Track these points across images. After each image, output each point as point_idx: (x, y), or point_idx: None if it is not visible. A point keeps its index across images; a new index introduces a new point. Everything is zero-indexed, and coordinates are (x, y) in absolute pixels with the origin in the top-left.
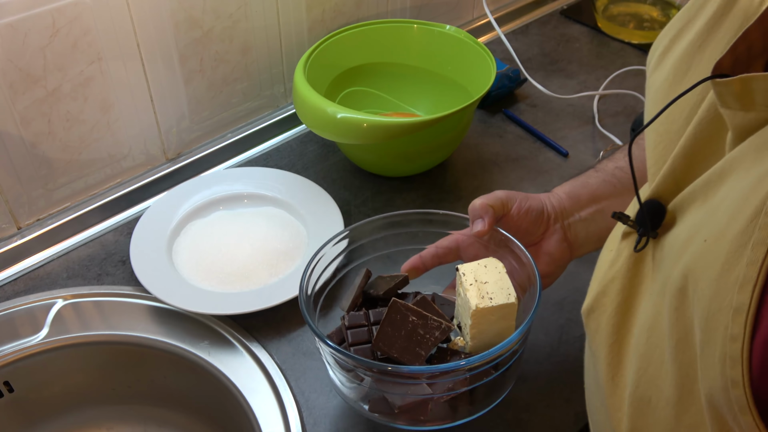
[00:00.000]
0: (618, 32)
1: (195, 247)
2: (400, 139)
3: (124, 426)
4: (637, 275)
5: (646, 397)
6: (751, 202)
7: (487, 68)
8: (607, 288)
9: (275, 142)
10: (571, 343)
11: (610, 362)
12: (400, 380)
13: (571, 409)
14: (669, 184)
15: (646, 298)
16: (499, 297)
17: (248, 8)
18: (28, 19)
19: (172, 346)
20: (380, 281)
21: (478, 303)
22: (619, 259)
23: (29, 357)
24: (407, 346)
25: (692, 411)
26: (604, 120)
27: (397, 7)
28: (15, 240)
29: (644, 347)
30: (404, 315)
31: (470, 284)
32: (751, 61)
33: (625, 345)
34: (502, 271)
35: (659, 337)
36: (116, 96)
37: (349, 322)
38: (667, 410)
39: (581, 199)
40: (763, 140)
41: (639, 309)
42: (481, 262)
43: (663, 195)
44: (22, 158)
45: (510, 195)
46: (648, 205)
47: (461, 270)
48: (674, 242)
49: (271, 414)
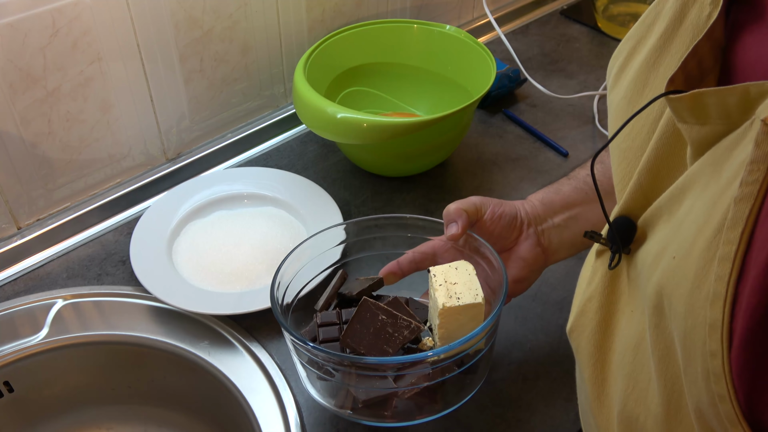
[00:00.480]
0: (618, 32)
1: (195, 247)
2: (400, 139)
3: (124, 426)
4: (613, 292)
5: (634, 415)
6: (713, 218)
7: (487, 68)
8: (585, 307)
9: (275, 142)
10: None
11: (594, 381)
12: (365, 372)
13: (571, 409)
14: (637, 200)
15: (626, 316)
16: (467, 297)
17: (248, 8)
18: (28, 19)
19: (172, 346)
20: (355, 283)
21: (445, 302)
22: (595, 278)
23: (29, 357)
24: (375, 343)
25: (682, 427)
26: (604, 120)
27: (397, 7)
28: (15, 240)
29: (630, 366)
30: (374, 313)
31: (440, 285)
32: (703, 76)
33: (607, 364)
34: (472, 273)
35: (645, 355)
36: (116, 96)
37: (321, 320)
38: (656, 428)
39: (554, 206)
40: (719, 154)
41: (618, 327)
42: (453, 264)
43: (632, 211)
44: (22, 158)
45: (484, 201)
46: (618, 222)
47: (432, 271)
48: (646, 258)
49: (271, 414)
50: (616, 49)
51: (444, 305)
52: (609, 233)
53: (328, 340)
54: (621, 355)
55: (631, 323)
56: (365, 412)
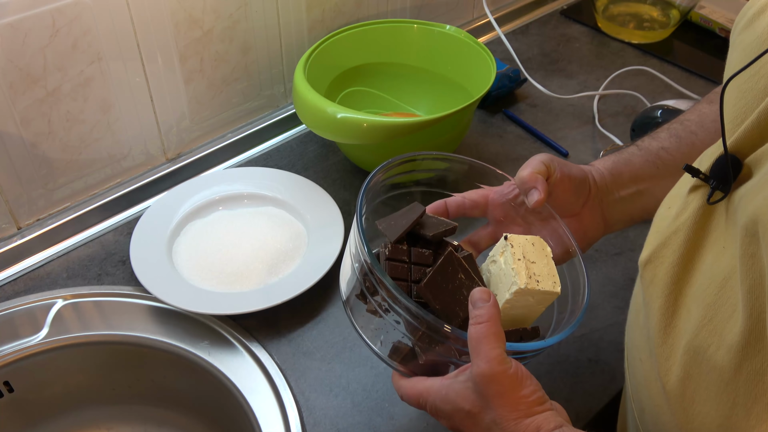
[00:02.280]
0: (618, 32)
1: (195, 247)
2: (400, 139)
3: (124, 426)
4: (704, 227)
5: (705, 345)
6: None
7: (487, 68)
8: (668, 239)
9: (275, 142)
10: (571, 343)
11: (665, 312)
12: (446, 341)
13: (571, 409)
14: (752, 139)
15: (715, 251)
16: (546, 283)
17: (248, 8)
18: (28, 19)
19: (172, 346)
20: (429, 221)
21: (527, 283)
22: (685, 212)
23: (29, 357)
24: (450, 301)
25: (758, 358)
26: (604, 120)
27: (397, 7)
28: (15, 240)
29: (713, 298)
30: (455, 269)
31: (518, 259)
32: None
33: (683, 295)
34: (549, 256)
35: (732, 291)
36: (116, 96)
37: (390, 253)
38: (727, 358)
39: (623, 178)
40: None
41: (703, 261)
42: (529, 239)
43: (741, 149)
44: (22, 158)
45: (552, 159)
46: (723, 160)
47: (510, 240)
48: (746, 193)
49: (271, 414)
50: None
51: (526, 286)
52: (713, 169)
53: (395, 277)
54: (703, 287)
55: (721, 258)
56: (420, 369)
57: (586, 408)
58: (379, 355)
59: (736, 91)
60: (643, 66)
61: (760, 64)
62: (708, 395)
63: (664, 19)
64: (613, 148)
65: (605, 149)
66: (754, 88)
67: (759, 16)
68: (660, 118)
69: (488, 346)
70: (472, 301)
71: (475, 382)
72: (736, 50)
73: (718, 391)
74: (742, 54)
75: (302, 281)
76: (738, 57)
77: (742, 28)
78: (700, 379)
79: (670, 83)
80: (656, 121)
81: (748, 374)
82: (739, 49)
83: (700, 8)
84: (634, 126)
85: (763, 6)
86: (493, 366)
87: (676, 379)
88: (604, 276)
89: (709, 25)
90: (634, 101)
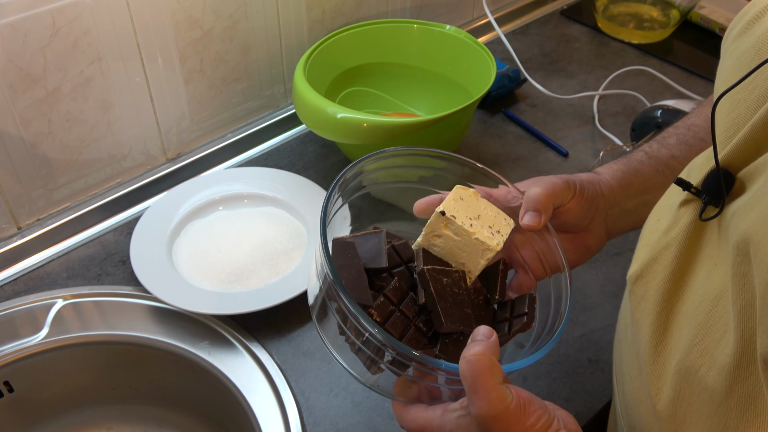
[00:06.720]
0: (618, 32)
1: (195, 247)
2: (400, 139)
3: (124, 426)
4: (696, 243)
5: (696, 366)
6: None
7: (487, 68)
8: (659, 255)
9: (275, 142)
10: (571, 343)
11: (656, 330)
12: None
13: (571, 409)
14: (745, 152)
15: (707, 268)
16: (501, 224)
17: (248, 8)
18: (28, 19)
19: (172, 346)
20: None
21: (497, 242)
22: (676, 227)
23: (29, 357)
24: (460, 312)
25: (750, 381)
26: (604, 120)
27: (397, 7)
28: (15, 240)
29: (704, 317)
30: (436, 279)
31: (470, 226)
32: None
33: (674, 313)
34: (477, 195)
35: (724, 309)
36: (116, 96)
37: (379, 316)
38: (719, 380)
39: (632, 189)
40: None
41: (694, 278)
42: (453, 196)
43: (733, 163)
44: (22, 158)
45: (569, 187)
46: (716, 174)
47: (448, 213)
48: (738, 209)
49: (271, 414)
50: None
51: (497, 244)
52: (705, 183)
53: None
54: (694, 305)
55: (713, 276)
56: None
57: (586, 408)
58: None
59: (729, 101)
60: (643, 66)
61: (754, 73)
62: (699, 417)
63: (664, 19)
64: (613, 148)
65: (605, 149)
66: (747, 99)
67: (752, 25)
68: (660, 118)
69: (484, 385)
70: (474, 336)
71: (478, 423)
72: (730, 58)
73: (710, 414)
74: (736, 63)
75: (302, 281)
76: (732, 66)
77: (736, 35)
78: (692, 401)
79: (670, 83)
80: (656, 121)
81: (739, 397)
82: (733, 57)
83: (700, 8)
84: (634, 126)
85: (760, 12)
86: (494, 406)
87: (667, 399)
88: (604, 276)
89: (709, 25)
90: (634, 101)
